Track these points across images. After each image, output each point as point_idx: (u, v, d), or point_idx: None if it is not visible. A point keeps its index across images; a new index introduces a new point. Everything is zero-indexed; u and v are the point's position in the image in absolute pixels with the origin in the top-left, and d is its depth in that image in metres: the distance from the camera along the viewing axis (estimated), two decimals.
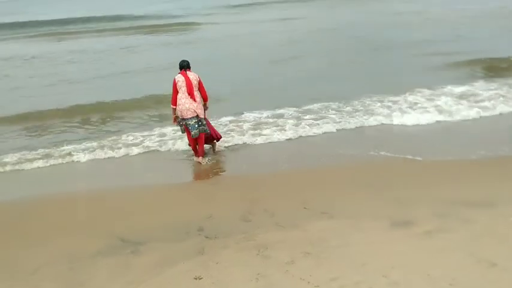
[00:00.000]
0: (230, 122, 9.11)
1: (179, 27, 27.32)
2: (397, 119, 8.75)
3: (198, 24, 28.11)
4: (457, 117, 8.77)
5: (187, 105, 6.94)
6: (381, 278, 3.83)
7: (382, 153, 7.15)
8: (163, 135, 8.58)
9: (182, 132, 7.35)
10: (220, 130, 8.61)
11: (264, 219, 5.13)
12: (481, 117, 8.77)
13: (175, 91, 6.97)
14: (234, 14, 34.41)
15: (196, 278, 4.05)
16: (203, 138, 7.30)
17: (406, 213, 4.97)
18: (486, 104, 9.33)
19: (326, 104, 9.71)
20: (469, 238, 4.40)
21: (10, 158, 7.94)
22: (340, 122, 8.75)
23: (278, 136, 8.25)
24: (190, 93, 6.95)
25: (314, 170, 6.73)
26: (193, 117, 7.02)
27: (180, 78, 6.95)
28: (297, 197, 5.66)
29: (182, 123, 7.12)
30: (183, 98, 6.93)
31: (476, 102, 9.48)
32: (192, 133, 7.07)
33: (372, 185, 5.90)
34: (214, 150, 7.72)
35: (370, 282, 3.78)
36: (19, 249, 4.93)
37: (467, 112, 8.96)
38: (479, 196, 5.31)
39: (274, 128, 8.63)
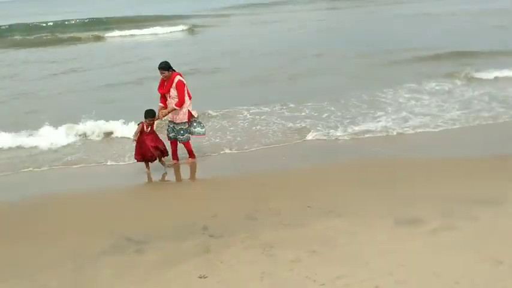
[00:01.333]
0: (230, 122, 9.10)
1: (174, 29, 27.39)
2: (396, 119, 8.69)
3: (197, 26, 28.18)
4: (448, 116, 8.73)
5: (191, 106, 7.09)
6: (387, 276, 3.81)
7: (386, 151, 7.14)
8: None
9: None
10: (220, 130, 8.62)
11: (268, 217, 5.11)
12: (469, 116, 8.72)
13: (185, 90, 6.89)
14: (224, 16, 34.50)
15: (201, 277, 4.03)
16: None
17: (412, 212, 4.95)
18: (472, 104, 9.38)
19: (325, 104, 9.71)
20: (475, 236, 4.38)
21: (22, 158, 8.00)
22: (340, 121, 8.74)
23: (280, 135, 8.23)
24: (189, 95, 7.02)
25: (318, 168, 6.72)
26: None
27: (184, 81, 6.92)
28: (302, 195, 5.65)
29: (193, 122, 7.13)
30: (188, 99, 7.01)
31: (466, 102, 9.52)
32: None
33: (377, 184, 5.88)
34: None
35: (376, 281, 3.76)
36: (24, 248, 4.93)
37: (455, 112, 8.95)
38: (485, 194, 5.28)
39: (275, 127, 8.61)
